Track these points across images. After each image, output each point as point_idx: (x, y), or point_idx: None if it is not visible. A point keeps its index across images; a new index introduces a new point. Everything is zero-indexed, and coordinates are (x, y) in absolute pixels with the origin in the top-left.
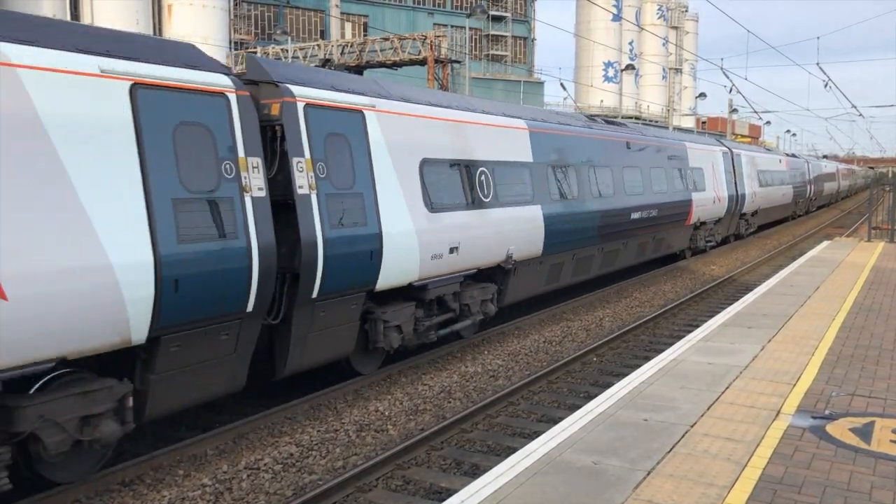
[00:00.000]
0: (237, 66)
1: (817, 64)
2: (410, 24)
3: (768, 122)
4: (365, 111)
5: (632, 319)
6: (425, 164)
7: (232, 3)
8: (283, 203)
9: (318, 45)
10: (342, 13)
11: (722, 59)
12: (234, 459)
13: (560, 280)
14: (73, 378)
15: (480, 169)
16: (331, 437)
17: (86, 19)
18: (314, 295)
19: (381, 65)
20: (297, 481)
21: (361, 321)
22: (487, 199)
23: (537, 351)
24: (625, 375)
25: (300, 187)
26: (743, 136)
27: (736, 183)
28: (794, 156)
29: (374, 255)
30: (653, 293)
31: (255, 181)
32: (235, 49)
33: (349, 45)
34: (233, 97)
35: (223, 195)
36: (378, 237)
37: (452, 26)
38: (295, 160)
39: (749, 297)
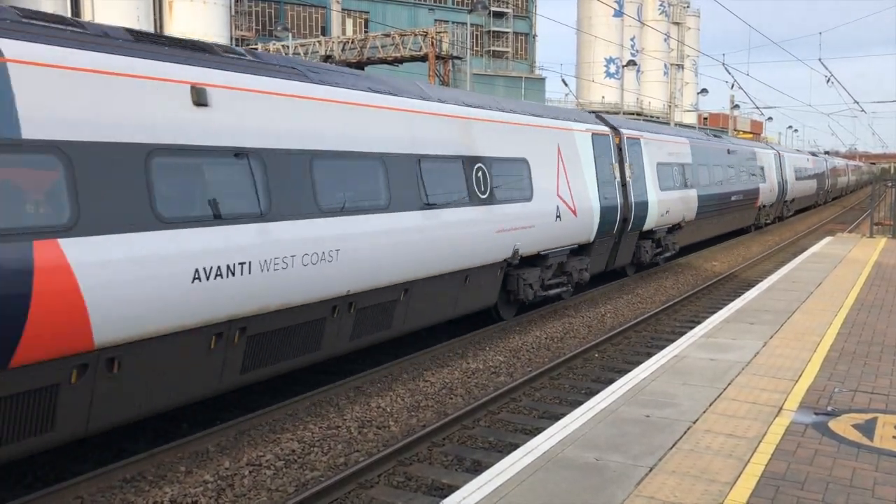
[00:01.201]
0: None
1: (819, 59)
2: (411, 20)
3: (770, 118)
4: (640, 139)
5: (633, 316)
6: (658, 164)
7: (233, 0)
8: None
9: (318, 41)
10: (343, 9)
11: (724, 55)
12: (235, 456)
13: (697, 236)
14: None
15: (674, 167)
16: (332, 433)
17: (86, 16)
18: (628, 229)
19: (383, 61)
20: (298, 478)
21: (634, 247)
22: (677, 185)
23: (539, 347)
24: (627, 372)
25: (628, 176)
26: (745, 132)
27: (782, 176)
28: (814, 154)
29: (645, 212)
30: (654, 289)
31: (617, 174)
32: (236, 46)
33: (350, 41)
34: (611, 136)
35: (610, 181)
36: (646, 203)
37: (453, 22)
38: (626, 164)
39: (751, 294)
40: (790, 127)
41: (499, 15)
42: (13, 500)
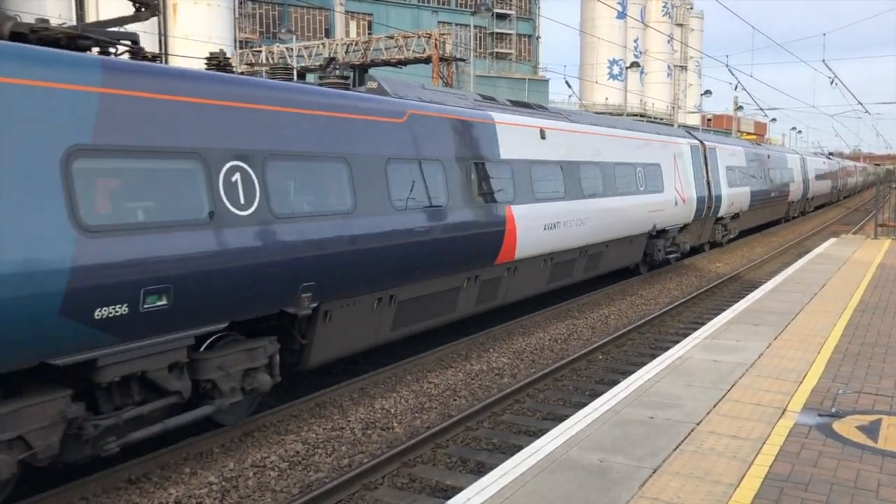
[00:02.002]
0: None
1: (823, 61)
2: (415, 22)
3: (774, 120)
4: (716, 148)
5: (637, 317)
6: (726, 167)
7: (237, 2)
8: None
9: (322, 43)
10: (347, 11)
11: (727, 57)
12: (240, 457)
13: (747, 224)
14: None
15: (736, 169)
16: (337, 434)
17: (90, 17)
18: (710, 215)
19: (386, 63)
20: (303, 479)
21: (712, 229)
22: (737, 183)
23: (543, 349)
24: (631, 373)
25: (710, 177)
26: (749, 133)
27: (805, 177)
28: (828, 157)
29: (720, 203)
30: (658, 291)
31: (704, 174)
32: (240, 48)
33: (354, 43)
34: (699, 146)
35: (700, 179)
36: (720, 196)
37: (457, 24)
38: (708, 168)
39: (755, 295)
40: (794, 128)
41: (502, 17)
42: (18, 500)
